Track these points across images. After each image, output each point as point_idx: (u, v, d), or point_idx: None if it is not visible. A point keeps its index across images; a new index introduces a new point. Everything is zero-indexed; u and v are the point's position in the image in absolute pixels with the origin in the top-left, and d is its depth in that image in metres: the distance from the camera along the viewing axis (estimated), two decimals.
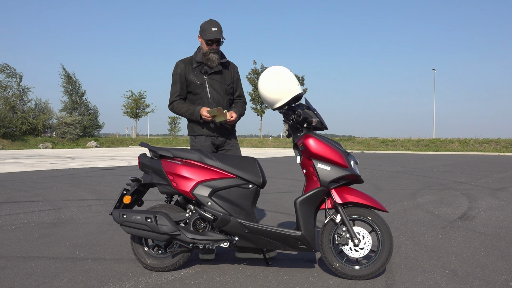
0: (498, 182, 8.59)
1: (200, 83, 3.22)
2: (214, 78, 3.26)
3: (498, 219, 4.69)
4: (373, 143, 31.62)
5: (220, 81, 3.27)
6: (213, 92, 3.24)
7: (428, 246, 3.55)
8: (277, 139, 38.33)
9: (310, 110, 2.83)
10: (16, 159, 15.77)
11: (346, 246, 2.73)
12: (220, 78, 3.28)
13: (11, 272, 2.83)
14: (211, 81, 3.24)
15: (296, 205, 2.70)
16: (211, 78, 3.25)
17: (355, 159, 2.83)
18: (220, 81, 3.27)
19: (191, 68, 3.24)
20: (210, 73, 3.23)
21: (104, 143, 35.11)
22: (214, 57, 3.19)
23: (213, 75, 3.26)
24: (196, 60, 3.24)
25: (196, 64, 3.23)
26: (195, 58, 3.25)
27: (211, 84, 3.24)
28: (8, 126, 29.56)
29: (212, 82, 3.25)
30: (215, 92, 3.25)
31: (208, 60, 3.19)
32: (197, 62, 3.23)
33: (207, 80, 3.24)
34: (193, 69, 3.24)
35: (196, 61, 3.23)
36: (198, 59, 3.23)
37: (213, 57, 3.19)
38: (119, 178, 8.98)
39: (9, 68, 32.57)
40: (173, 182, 2.82)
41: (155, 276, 2.78)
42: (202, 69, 3.23)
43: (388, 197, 6.32)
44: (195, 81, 3.22)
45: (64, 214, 4.84)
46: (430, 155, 22.40)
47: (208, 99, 3.23)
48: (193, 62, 3.25)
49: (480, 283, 2.66)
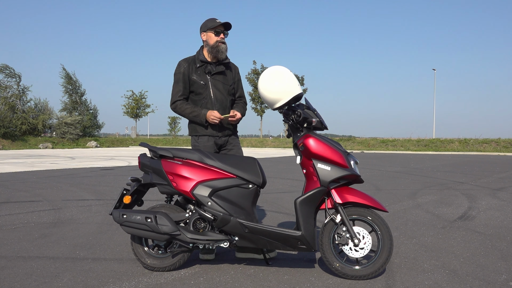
0: (498, 182, 8.59)
1: (204, 83, 3.19)
2: (217, 78, 3.23)
3: (498, 219, 4.69)
4: (373, 143, 31.61)
5: (223, 82, 3.25)
6: (217, 92, 3.22)
7: (428, 246, 3.55)
8: (277, 139, 38.32)
9: (310, 110, 2.83)
10: (16, 159, 15.77)
11: (346, 246, 2.73)
12: (223, 78, 3.26)
13: (11, 272, 2.83)
14: (214, 82, 3.22)
15: (296, 205, 2.70)
16: (214, 79, 3.22)
17: (355, 159, 2.83)
18: (223, 82, 3.25)
19: (195, 68, 3.21)
20: (213, 73, 3.21)
21: (104, 143, 35.10)
22: (223, 48, 3.16)
23: (216, 76, 3.23)
24: (200, 59, 3.21)
25: (200, 63, 3.20)
26: (199, 58, 3.21)
27: (215, 84, 3.22)
28: (8, 126, 29.55)
29: (216, 82, 3.22)
30: (219, 92, 3.22)
31: (218, 51, 3.15)
32: (201, 61, 3.20)
33: (211, 80, 3.21)
34: (196, 69, 3.20)
35: (200, 60, 3.20)
36: (202, 58, 3.20)
37: (222, 48, 3.15)
38: (119, 178, 8.98)
39: (9, 68, 32.57)
40: (173, 182, 2.82)
41: (155, 276, 2.78)
42: (206, 69, 3.20)
43: (388, 197, 6.32)
44: (199, 81, 3.19)
45: (64, 214, 4.84)
46: (430, 155, 22.40)
47: (212, 99, 3.21)
48: (197, 62, 3.21)
49: (480, 283, 2.66)
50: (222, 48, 3.15)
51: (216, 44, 3.14)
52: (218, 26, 3.13)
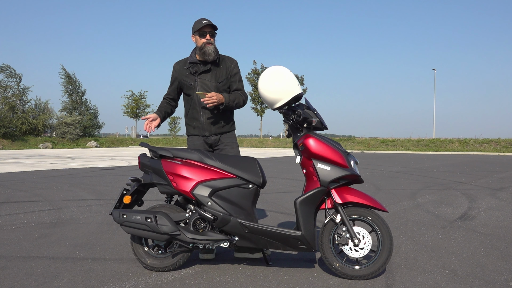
0: (498, 182, 8.59)
1: (191, 84, 3.21)
2: (205, 77, 3.21)
3: (498, 219, 4.69)
4: (373, 143, 31.61)
5: (211, 80, 3.21)
6: (204, 92, 3.18)
7: (428, 246, 3.55)
8: (277, 139, 38.32)
9: (310, 110, 2.83)
10: (16, 159, 15.77)
11: (346, 246, 2.73)
12: (211, 77, 3.22)
13: (11, 272, 2.83)
14: (201, 81, 3.21)
15: (296, 205, 2.70)
16: (201, 78, 3.21)
17: (355, 159, 2.83)
18: (211, 80, 3.21)
19: (184, 70, 3.24)
20: (200, 72, 3.21)
21: (104, 143, 35.10)
22: (210, 49, 3.15)
23: (204, 75, 3.21)
24: (189, 61, 3.23)
25: (188, 65, 3.23)
26: (189, 59, 3.24)
27: (202, 84, 3.21)
28: (8, 126, 29.56)
29: (203, 81, 3.21)
30: (207, 92, 3.18)
31: (204, 53, 3.15)
32: (190, 63, 3.23)
33: (198, 80, 3.21)
34: (185, 70, 3.23)
35: (189, 62, 3.23)
36: (191, 60, 3.22)
37: (209, 50, 3.15)
38: (119, 178, 8.98)
39: (9, 68, 32.58)
40: (173, 182, 2.82)
41: (155, 276, 2.78)
42: (193, 69, 3.21)
43: (388, 197, 6.32)
44: (188, 82, 3.22)
45: (64, 214, 4.84)
46: (430, 155, 22.40)
47: (194, 99, 3.22)
48: (187, 64, 3.24)
49: (480, 283, 2.66)
50: (208, 49, 3.15)
51: (203, 46, 3.16)
52: (202, 27, 3.14)
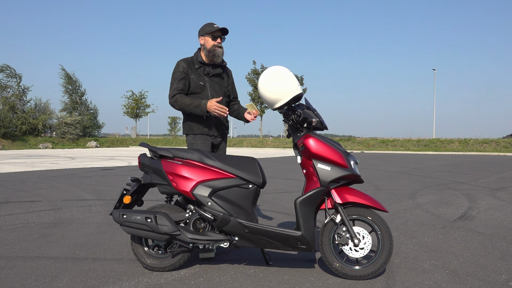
0: (498, 182, 8.59)
1: (202, 83, 3.27)
2: (215, 80, 3.33)
3: (498, 219, 4.69)
4: (373, 143, 31.60)
5: (219, 84, 3.35)
6: (214, 93, 3.29)
7: (428, 246, 3.55)
8: (277, 139, 38.32)
9: (310, 110, 2.83)
10: (16, 159, 15.77)
11: (346, 246, 2.73)
12: (220, 80, 3.35)
13: (11, 272, 2.83)
14: (212, 83, 3.30)
15: (296, 205, 2.70)
16: (212, 80, 3.31)
17: (355, 159, 2.83)
18: (220, 83, 3.35)
19: (194, 68, 3.28)
20: (211, 75, 3.30)
21: (104, 143, 35.10)
22: (220, 52, 3.24)
23: (214, 77, 3.32)
24: (198, 60, 3.28)
25: (199, 65, 3.28)
26: (197, 59, 3.28)
27: (212, 85, 3.30)
28: (8, 126, 29.55)
29: (213, 84, 3.31)
30: (216, 93, 3.30)
31: (214, 56, 3.22)
32: (200, 63, 3.27)
33: (209, 82, 3.29)
34: (195, 69, 3.28)
35: (199, 61, 3.27)
36: (200, 60, 3.27)
37: (219, 52, 3.23)
38: (119, 178, 8.98)
39: (9, 68, 32.58)
40: (173, 182, 2.82)
41: (155, 276, 2.78)
42: (204, 70, 3.28)
43: (388, 197, 6.32)
44: (198, 81, 3.26)
45: (64, 214, 4.84)
46: (430, 155, 22.40)
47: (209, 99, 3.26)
48: (195, 63, 3.29)
49: (480, 283, 2.66)
50: (218, 52, 3.23)
51: (213, 48, 3.22)
52: (215, 31, 3.20)
